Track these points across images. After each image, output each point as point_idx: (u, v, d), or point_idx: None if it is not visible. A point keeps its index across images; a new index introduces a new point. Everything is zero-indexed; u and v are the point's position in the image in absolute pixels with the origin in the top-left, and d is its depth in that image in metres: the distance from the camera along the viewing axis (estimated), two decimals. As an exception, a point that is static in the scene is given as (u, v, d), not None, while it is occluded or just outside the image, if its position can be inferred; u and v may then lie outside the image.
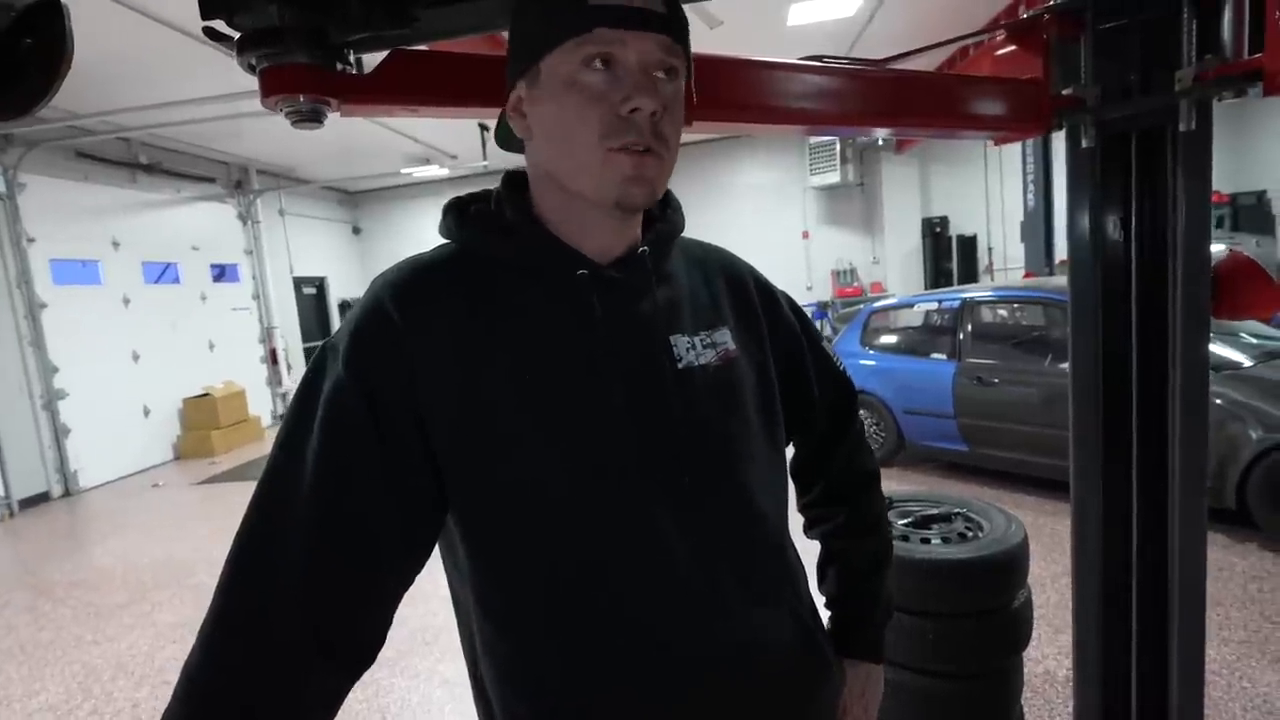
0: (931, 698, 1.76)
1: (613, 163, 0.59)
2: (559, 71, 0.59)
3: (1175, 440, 1.26)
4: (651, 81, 0.59)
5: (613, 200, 0.60)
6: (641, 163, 0.59)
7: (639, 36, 0.58)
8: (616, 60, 0.58)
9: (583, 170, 0.60)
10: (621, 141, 0.58)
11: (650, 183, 0.61)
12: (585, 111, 0.58)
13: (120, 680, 2.88)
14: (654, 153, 0.60)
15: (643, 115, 0.58)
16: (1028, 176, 7.57)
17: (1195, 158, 1.16)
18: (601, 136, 0.58)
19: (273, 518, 0.59)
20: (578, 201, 0.63)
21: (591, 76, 0.58)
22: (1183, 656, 1.31)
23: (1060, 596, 2.83)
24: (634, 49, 0.58)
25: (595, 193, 0.61)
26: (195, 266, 8.06)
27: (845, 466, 0.86)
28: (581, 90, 0.58)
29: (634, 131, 0.58)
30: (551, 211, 0.65)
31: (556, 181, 0.63)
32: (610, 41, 0.57)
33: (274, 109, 0.75)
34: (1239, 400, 3.10)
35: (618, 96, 0.58)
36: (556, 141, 0.61)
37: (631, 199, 0.61)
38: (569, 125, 0.59)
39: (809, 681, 0.72)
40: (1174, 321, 1.24)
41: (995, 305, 4.65)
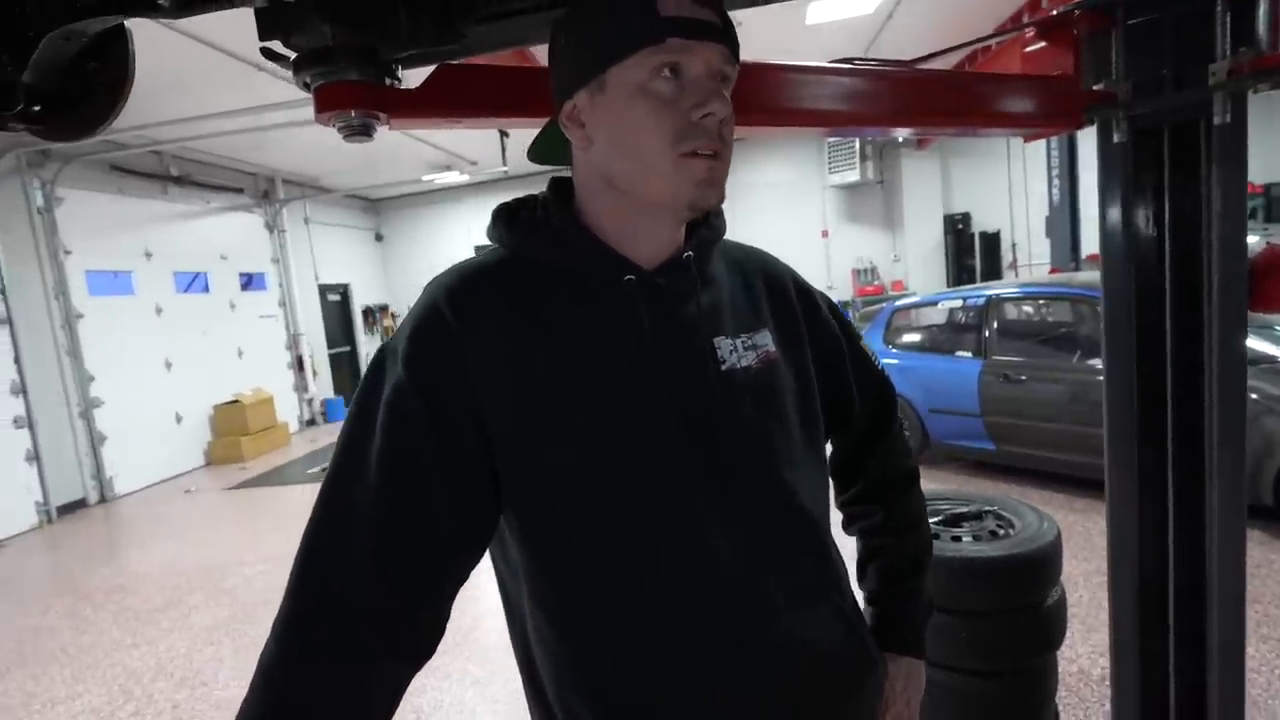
0: (966, 696, 1.75)
1: (686, 167, 0.61)
2: (629, 80, 0.61)
3: (1212, 436, 1.25)
4: (718, 88, 0.61)
5: (687, 203, 0.63)
6: (713, 166, 0.62)
7: (705, 46, 0.60)
8: (684, 69, 0.61)
9: (655, 175, 0.62)
10: (693, 146, 0.61)
11: (719, 185, 0.64)
12: (658, 118, 0.61)
13: (160, 682, 2.96)
14: (720, 156, 0.62)
15: (713, 120, 0.61)
16: (1052, 171, 7.47)
17: (1231, 150, 1.15)
18: (674, 142, 0.61)
19: (339, 517, 0.61)
20: (636, 207, 0.65)
21: (663, 85, 0.61)
22: (1222, 654, 1.29)
23: (1093, 595, 2.80)
24: (701, 58, 0.61)
25: (670, 197, 0.63)
26: (224, 275, 8.24)
27: (884, 465, 0.87)
28: (654, 98, 0.61)
29: (705, 136, 0.61)
30: (602, 217, 0.67)
31: (619, 187, 0.65)
32: (680, 51, 0.60)
33: (327, 124, 0.78)
34: (1275, 395, 3.04)
35: (688, 104, 0.60)
36: (627, 148, 0.63)
37: (706, 200, 0.63)
38: (641, 132, 0.61)
39: (853, 676, 0.73)
40: (1210, 316, 1.23)
41: (1021, 302, 4.60)
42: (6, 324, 5.70)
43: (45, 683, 3.05)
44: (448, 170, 9.56)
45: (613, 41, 0.61)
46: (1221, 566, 1.27)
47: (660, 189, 0.63)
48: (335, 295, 10.66)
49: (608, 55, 0.61)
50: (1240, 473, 1.26)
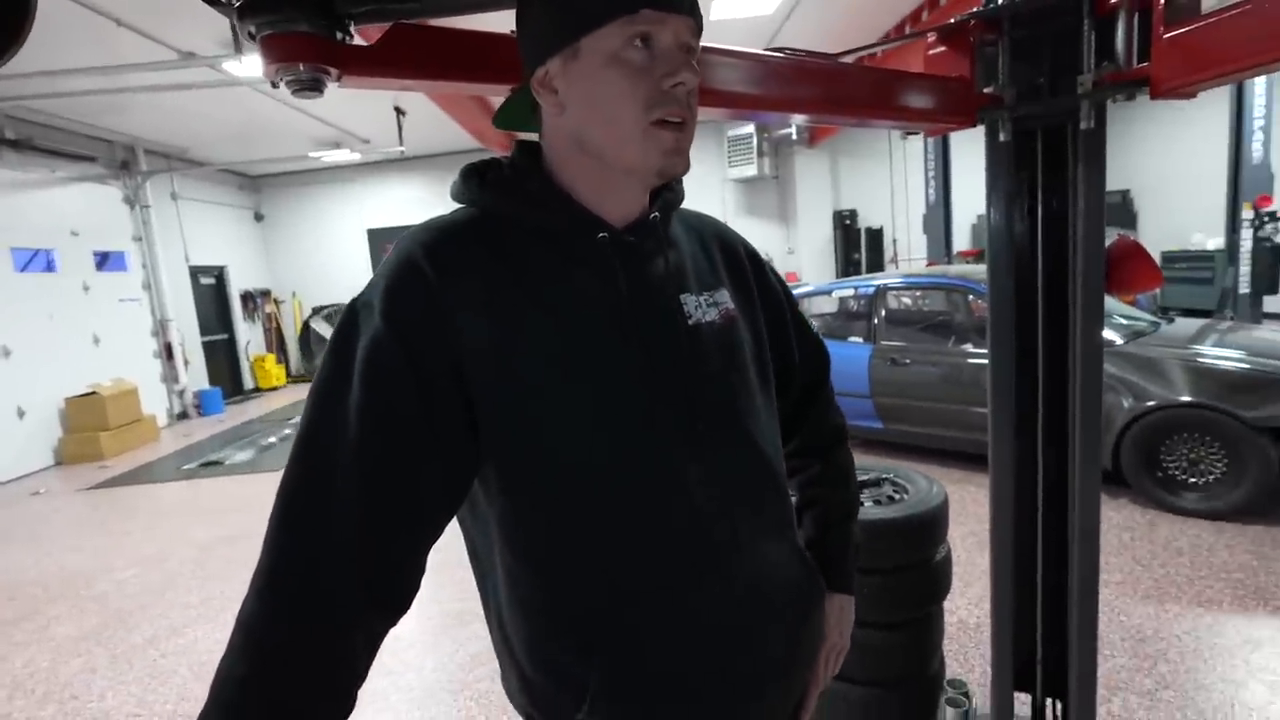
0: (865, 648, 1.91)
1: (654, 136, 0.65)
2: (602, 48, 0.63)
3: (1076, 409, 1.43)
4: (687, 58, 0.65)
5: (656, 170, 0.66)
6: (680, 137, 0.66)
7: (675, 18, 0.64)
8: (655, 39, 0.64)
9: (626, 142, 0.65)
10: (663, 113, 0.64)
11: (685, 154, 0.67)
12: (630, 85, 0.63)
13: (19, 699, 2.66)
14: (687, 125, 0.66)
15: (683, 90, 0.64)
16: (929, 173, 8.11)
17: (1093, 152, 1.33)
18: (645, 109, 0.64)
19: (318, 469, 0.60)
20: (609, 171, 0.68)
21: (635, 54, 0.63)
22: (1081, 600, 1.48)
23: (966, 554, 3.12)
24: (671, 29, 0.64)
25: (639, 163, 0.66)
26: (75, 254, 7.35)
27: (819, 422, 0.95)
28: (625, 66, 0.63)
29: (675, 103, 0.64)
30: (573, 180, 0.69)
31: (590, 152, 0.68)
32: (652, 21, 0.63)
33: (273, 77, 0.74)
34: (1113, 374, 3.49)
35: (659, 72, 0.63)
36: (597, 115, 0.66)
37: (674, 168, 0.67)
38: (614, 99, 0.64)
39: (807, 605, 0.81)
40: (1074, 298, 1.41)
41: (905, 292, 4.97)
42: None
43: None
44: (337, 148, 9.02)
45: (588, 10, 0.63)
46: (1082, 522, 1.46)
47: (631, 155, 0.66)
48: (209, 278, 9.81)
49: (583, 23, 0.63)
50: (1098, 441, 1.45)
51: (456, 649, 2.71)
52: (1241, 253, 6.09)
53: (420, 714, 2.33)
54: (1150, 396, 3.38)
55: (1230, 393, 3.20)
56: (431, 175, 10.51)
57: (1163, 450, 3.39)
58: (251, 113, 7.31)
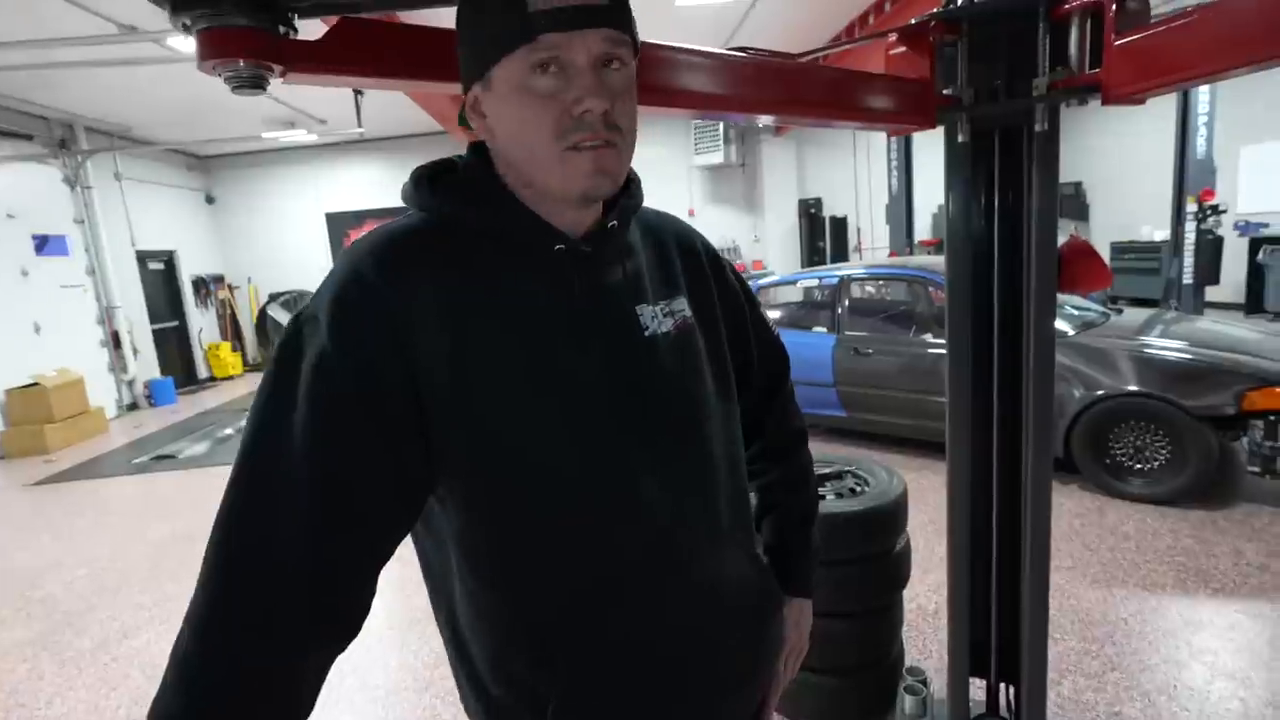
0: (828, 636, 1.94)
1: (572, 161, 0.62)
2: (509, 79, 0.61)
3: (1029, 398, 1.47)
4: (599, 80, 0.61)
5: (580, 194, 0.64)
6: (600, 156, 0.62)
7: (584, 35, 0.60)
8: (564, 61, 0.60)
9: (545, 169, 0.63)
10: (576, 139, 0.61)
11: (611, 173, 0.64)
12: (539, 115, 0.61)
13: (-40, 708, 2.55)
14: (610, 144, 0.63)
15: (594, 115, 0.61)
16: (892, 164, 8.20)
17: (1047, 153, 1.35)
18: (557, 137, 0.61)
19: (262, 494, 0.58)
20: (546, 195, 0.66)
21: (541, 80, 0.60)
22: (1034, 584, 1.54)
23: (925, 542, 3.20)
24: (581, 48, 0.60)
25: (561, 189, 0.64)
26: (12, 237, 6.99)
27: (779, 425, 0.95)
28: (533, 94, 0.60)
29: (587, 129, 0.61)
30: (521, 190, 0.67)
31: (523, 178, 0.66)
32: (556, 45, 0.59)
33: (210, 73, 0.70)
34: (1065, 364, 3.60)
35: (569, 97, 0.60)
36: (517, 143, 0.64)
37: (597, 191, 0.64)
38: (526, 129, 0.62)
39: (765, 610, 0.81)
40: (1028, 295, 1.44)
41: (868, 282, 5.04)
42: None
43: None
44: (291, 128, 8.73)
45: (489, 41, 0.61)
46: (1034, 509, 1.51)
47: (552, 181, 0.64)
48: (158, 263, 9.44)
49: (487, 55, 0.62)
50: (1050, 429, 1.49)
51: (421, 645, 2.68)
52: (1185, 245, 6.32)
53: (385, 713, 2.30)
54: (1100, 386, 3.50)
55: (1173, 382, 3.33)
56: (392, 158, 10.26)
57: (1111, 438, 3.52)
58: (199, 90, 7.00)
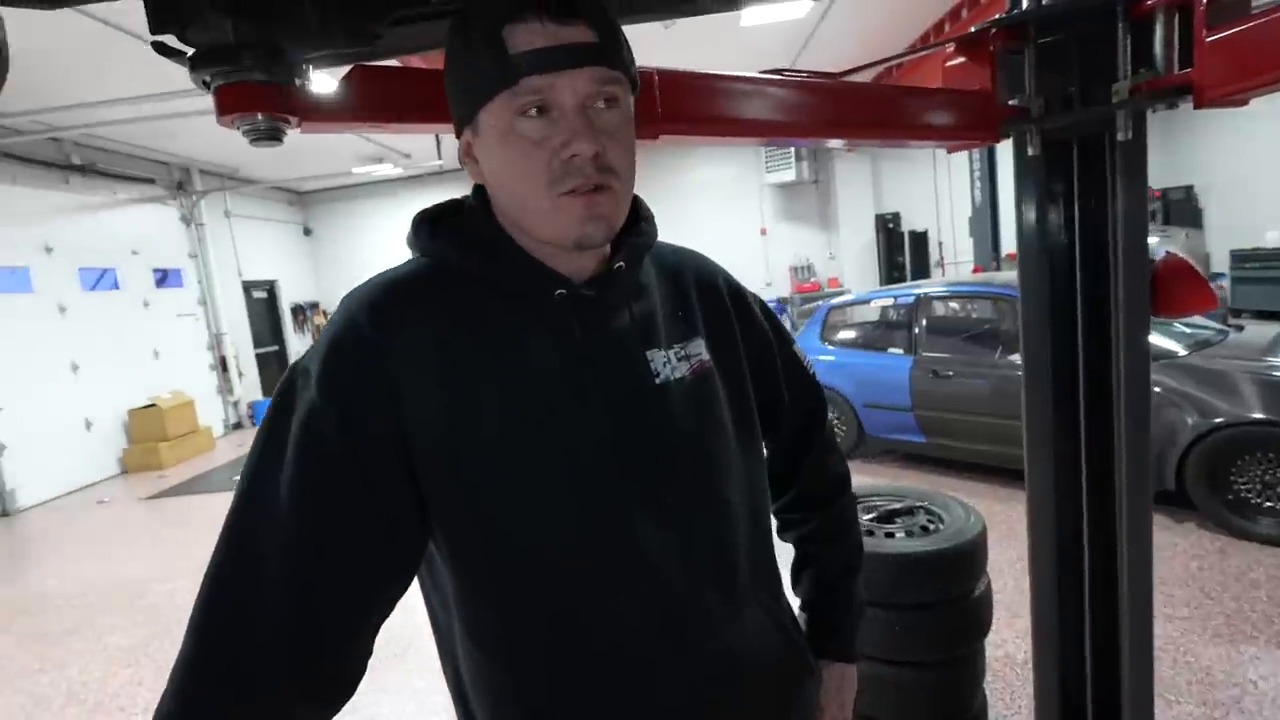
0: (898, 687, 1.81)
1: (564, 207, 0.59)
2: (496, 124, 0.59)
3: (1121, 428, 1.32)
4: (587, 122, 0.58)
5: (574, 241, 0.61)
6: (593, 201, 0.59)
7: (570, 76, 0.57)
8: (551, 104, 0.57)
9: (537, 216, 0.60)
10: (568, 186, 0.58)
11: (606, 218, 0.61)
12: (528, 161, 0.58)
13: (71, 709, 2.76)
14: (604, 188, 0.59)
15: (583, 159, 0.57)
16: (974, 173, 7.83)
17: (1133, 164, 1.22)
18: (548, 184, 0.58)
19: (246, 554, 0.57)
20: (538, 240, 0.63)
21: (527, 125, 0.58)
22: (1133, 635, 1.37)
23: (1016, 581, 2.94)
24: (567, 89, 0.57)
25: (554, 236, 0.61)
26: (136, 272, 7.73)
27: (816, 471, 0.88)
28: (520, 139, 0.58)
29: (578, 174, 0.58)
30: (520, 236, 0.65)
31: (517, 224, 0.63)
32: (540, 89, 0.56)
33: (230, 127, 0.72)
34: (1175, 388, 3.26)
35: (557, 141, 0.57)
36: (507, 189, 0.62)
37: (590, 239, 0.61)
38: (515, 174, 0.59)
39: (791, 684, 0.74)
40: (1116, 316, 1.30)
41: (947, 300, 4.79)
42: (-116, 326, 5.21)
43: (-63, 717, 2.81)
44: (379, 163, 9.25)
45: (472, 87, 0.59)
46: (1131, 551, 1.34)
47: (545, 229, 0.61)
48: (261, 292, 10.18)
49: (473, 100, 0.60)
50: (1145, 461, 1.34)
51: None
52: (1322, 251, 5.66)
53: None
54: (1217, 413, 3.14)
55: (1309, 409, 2.95)
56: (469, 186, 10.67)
57: (1233, 471, 3.14)
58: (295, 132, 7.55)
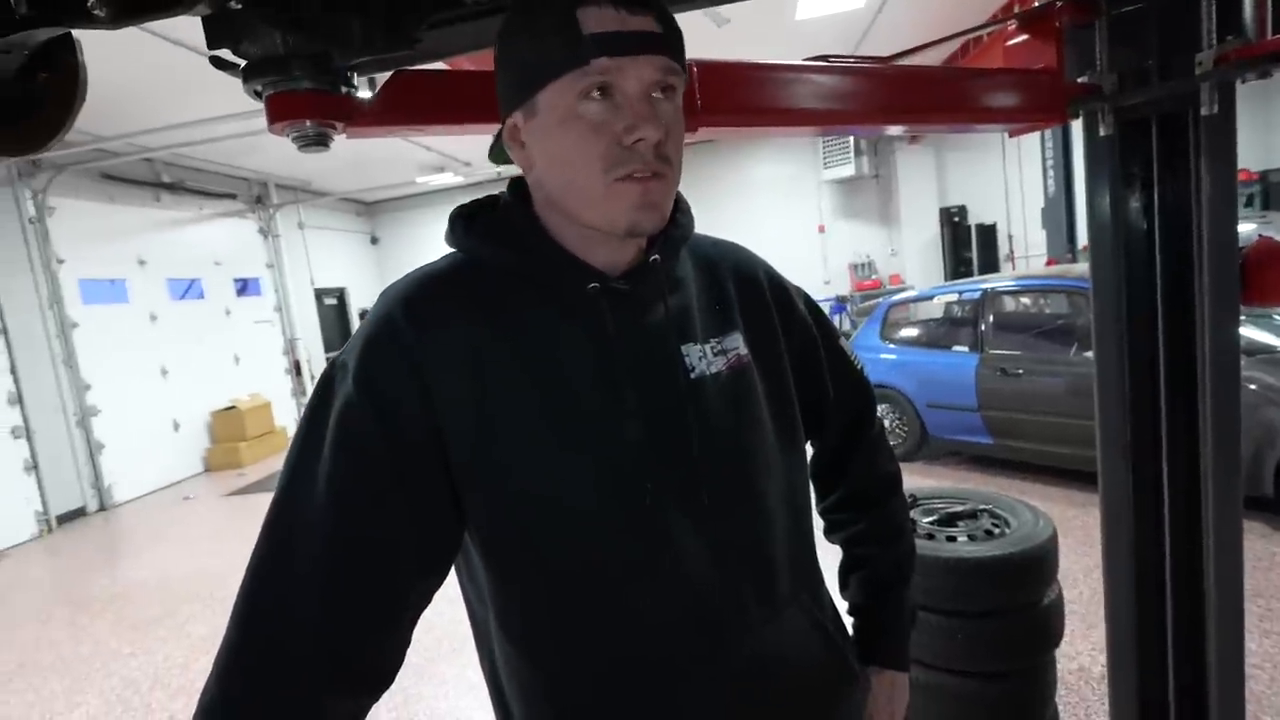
0: (961, 698, 1.73)
1: (618, 193, 0.58)
2: (557, 104, 0.58)
3: (1207, 428, 1.23)
4: (652, 108, 0.58)
5: (625, 228, 0.60)
6: (648, 189, 0.58)
7: (637, 62, 0.56)
8: (615, 88, 0.57)
9: (588, 201, 0.60)
10: (626, 171, 0.57)
11: (659, 207, 0.60)
12: (587, 144, 0.57)
13: (157, 692, 2.94)
14: (659, 176, 0.59)
15: (646, 144, 0.57)
16: (1047, 162, 7.45)
17: (1219, 141, 1.13)
18: (606, 169, 0.57)
19: (286, 544, 0.59)
20: (585, 227, 0.62)
21: (591, 108, 0.57)
22: (1221, 651, 1.27)
23: (1093, 591, 2.77)
24: (633, 75, 0.57)
25: (604, 222, 0.60)
26: (219, 282, 8.21)
27: (865, 470, 0.85)
28: (582, 122, 0.57)
29: (638, 160, 0.57)
30: (558, 228, 0.65)
31: (562, 210, 0.63)
32: (608, 71, 0.56)
33: (281, 134, 0.75)
34: (1275, 385, 3.02)
35: (620, 126, 0.57)
36: (559, 173, 0.61)
37: (641, 227, 0.60)
38: (571, 158, 0.59)
39: (833, 691, 0.72)
40: (1201, 308, 1.21)
41: (1017, 295, 4.57)
42: (1, 334, 5.69)
43: (45, 693, 3.04)
44: (441, 172, 9.52)
45: (539, 64, 0.58)
46: (1219, 561, 1.25)
47: (595, 215, 0.60)
48: (331, 299, 10.64)
49: (535, 78, 0.58)
50: (1236, 465, 1.24)
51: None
52: None
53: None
54: (1323, 411, 2.89)
55: None
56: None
57: (1341, 474, 2.89)
58: (365, 145, 7.86)
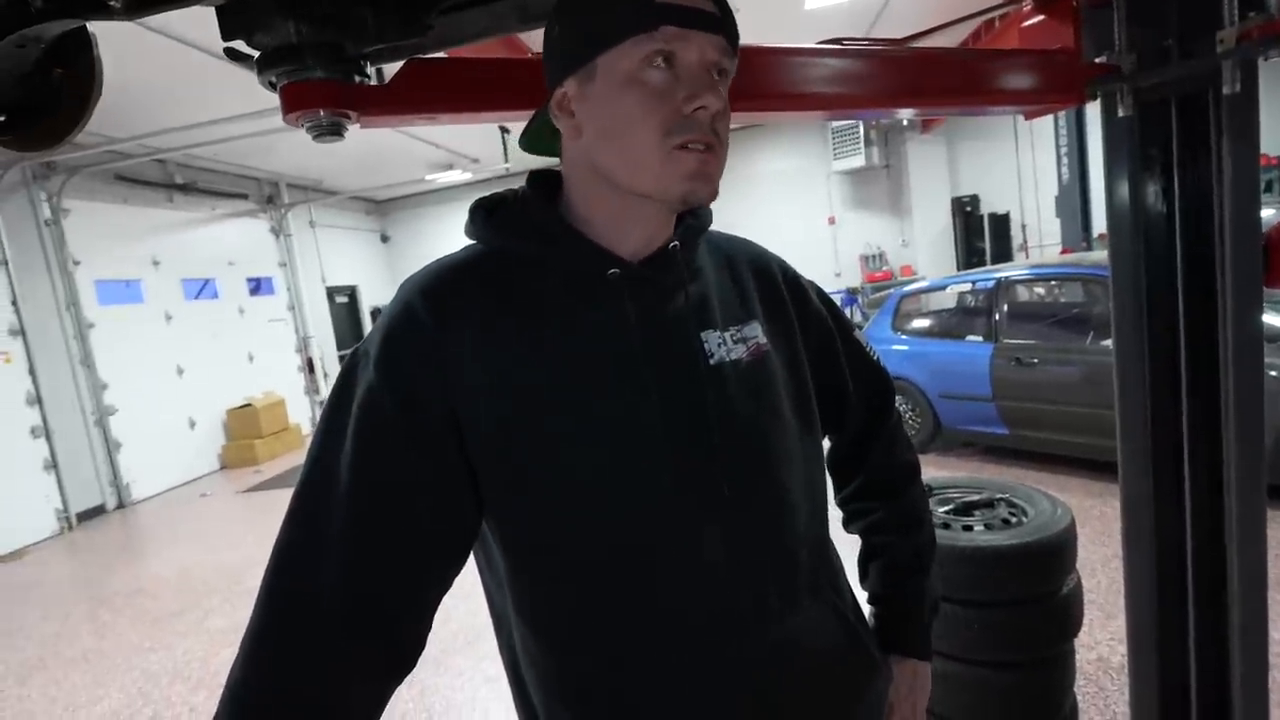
0: (978, 688, 1.72)
1: (676, 160, 0.59)
2: (619, 68, 0.58)
3: (1229, 416, 1.21)
4: (713, 81, 0.59)
5: (679, 197, 0.60)
6: (705, 160, 0.59)
7: (701, 36, 0.58)
8: (678, 59, 0.58)
9: (643, 167, 0.60)
10: (685, 138, 0.58)
11: (712, 180, 0.61)
12: (647, 109, 0.58)
13: (178, 685, 2.98)
14: (714, 150, 0.60)
15: (706, 114, 0.58)
16: (1061, 149, 7.35)
17: (1241, 121, 1.11)
18: (665, 135, 0.58)
19: (309, 529, 0.59)
20: (629, 198, 0.63)
21: (654, 74, 0.58)
22: (1245, 642, 1.26)
23: (1112, 580, 2.75)
24: (696, 48, 0.58)
25: (658, 190, 0.60)
26: (232, 281, 8.28)
27: (883, 459, 0.84)
28: (644, 87, 0.58)
29: (697, 129, 0.58)
30: (591, 208, 0.65)
31: (610, 179, 0.63)
32: (673, 39, 0.57)
33: (295, 124, 0.76)
34: (1296, 371, 2.97)
35: (680, 95, 0.58)
36: (614, 139, 0.61)
37: (697, 195, 0.60)
38: (630, 123, 0.59)
39: (854, 680, 0.71)
40: (1223, 292, 1.19)
41: (1032, 284, 4.52)
42: (20, 335, 5.77)
43: (67, 687, 3.09)
44: (450, 169, 9.53)
45: (604, 27, 0.58)
46: (1243, 551, 1.23)
47: (649, 182, 0.60)
48: (343, 297, 10.70)
49: (598, 41, 0.59)
50: (1260, 453, 1.22)
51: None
52: None
53: None
54: (1347, 398, 2.84)
55: None
56: (537, 189, 10.90)
57: (1366, 462, 2.84)
58: (374, 143, 7.89)
